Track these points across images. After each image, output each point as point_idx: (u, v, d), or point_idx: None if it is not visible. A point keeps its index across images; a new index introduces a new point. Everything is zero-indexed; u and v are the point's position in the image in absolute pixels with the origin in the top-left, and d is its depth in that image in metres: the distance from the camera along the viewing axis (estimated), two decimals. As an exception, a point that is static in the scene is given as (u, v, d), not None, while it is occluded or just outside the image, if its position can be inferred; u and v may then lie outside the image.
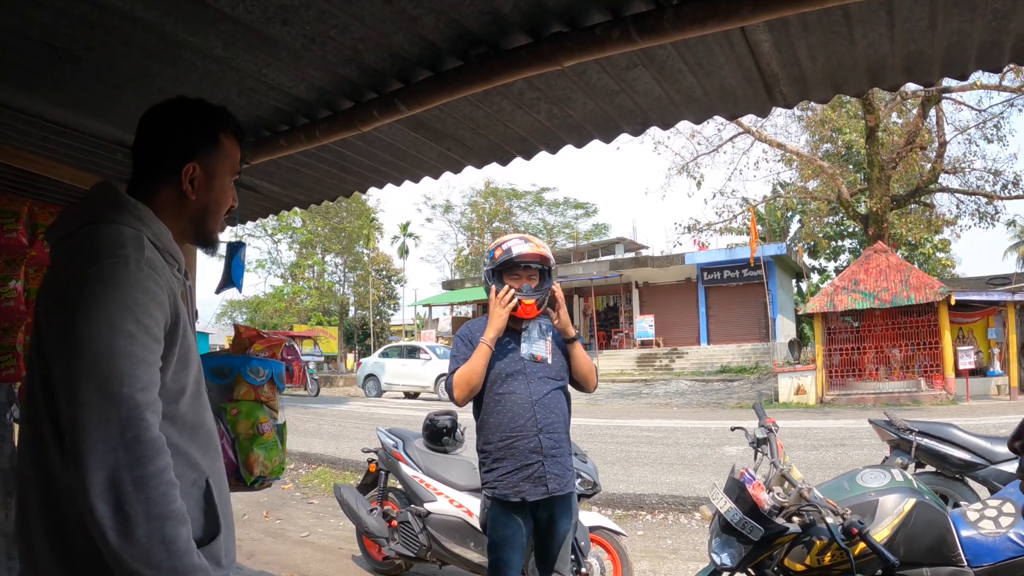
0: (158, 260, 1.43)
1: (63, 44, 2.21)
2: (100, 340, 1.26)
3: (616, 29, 2.04)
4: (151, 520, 1.22)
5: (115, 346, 1.26)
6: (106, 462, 1.21)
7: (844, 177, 26.46)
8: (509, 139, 3.06)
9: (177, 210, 1.57)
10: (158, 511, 1.24)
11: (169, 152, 1.56)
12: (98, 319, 1.28)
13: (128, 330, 1.29)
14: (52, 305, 1.35)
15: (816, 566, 2.96)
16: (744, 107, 2.77)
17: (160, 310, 1.36)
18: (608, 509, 7.45)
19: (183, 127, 1.59)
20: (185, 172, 1.55)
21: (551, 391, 3.20)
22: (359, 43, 2.23)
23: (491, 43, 2.23)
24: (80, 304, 1.29)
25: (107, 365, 1.25)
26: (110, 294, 1.30)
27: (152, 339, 1.33)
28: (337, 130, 2.74)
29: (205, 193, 1.60)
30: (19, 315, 3.17)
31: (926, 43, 2.29)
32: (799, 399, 19.03)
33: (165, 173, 1.56)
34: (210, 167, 1.60)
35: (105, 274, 1.32)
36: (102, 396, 1.23)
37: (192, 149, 1.57)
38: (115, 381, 1.24)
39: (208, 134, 1.61)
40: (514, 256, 3.16)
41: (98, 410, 1.23)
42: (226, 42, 2.22)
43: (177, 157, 1.55)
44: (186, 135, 1.58)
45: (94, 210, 1.46)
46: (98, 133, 2.97)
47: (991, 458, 5.02)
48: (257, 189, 3.73)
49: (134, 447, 1.23)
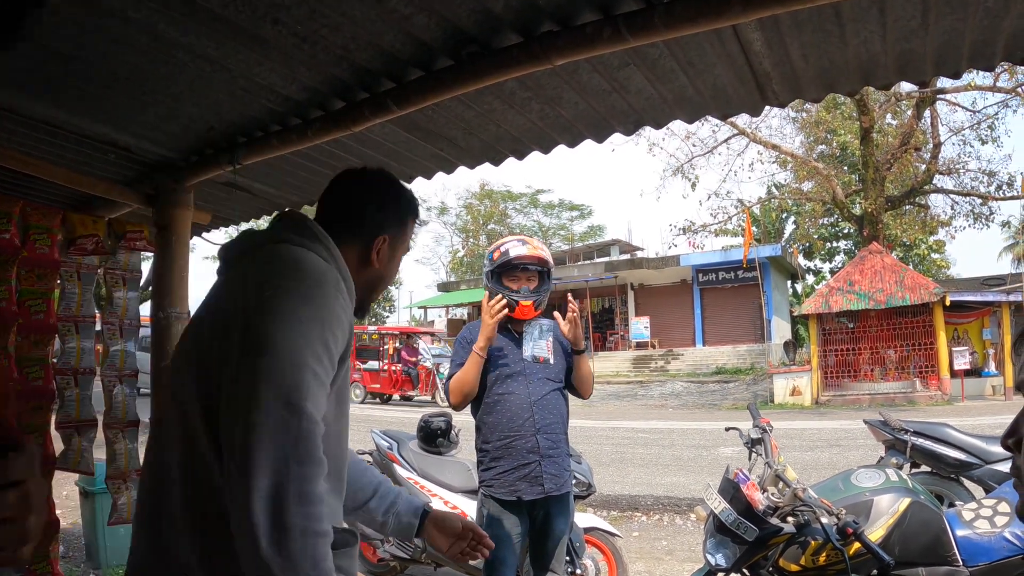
0: (345, 291, 1.49)
1: (54, 44, 2.20)
2: (294, 352, 1.28)
3: (607, 28, 2.03)
4: (306, 536, 1.22)
5: (306, 362, 1.29)
6: (275, 470, 1.20)
7: (839, 178, 26.54)
8: (501, 139, 3.05)
9: (355, 270, 1.63)
10: (313, 528, 1.23)
11: (369, 220, 1.69)
12: (296, 332, 1.30)
13: (317, 351, 1.32)
14: (242, 309, 1.35)
15: (811, 566, 2.96)
16: (736, 106, 2.76)
17: (344, 338, 1.41)
18: (603, 510, 7.45)
19: (388, 203, 1.74)
20: (377, 242, 1.68)
21: (550, 392, 3.24)
22: (350, 42, 2.22)
23: (482, 42, 2.22)
24: (279, 314, 1.31)
25: (295, 378, 1.26)
26: (311, 312, 1.34)
27: (332, 365, 1.36)
28: (329, 130, 2.73)
29: (384, 265, 1.72)
30: (11, 316, 3.16)
31: (918, 42, 2.29)
32: (794, 400, 19.08)
33: (358, 235, 1.67)
34: (395, 244, 1.73)
35: (308, 293, 1.37)
36: (284, 405, 1.23)
37: (388, 225, 1.71)
38: (299, 395, 1.25)
39: (403, 216, 1.76)
40: (512, 258, 3.20)
41: (278, 418, 1.23)
42: (218, 42, 2.21)
43: (374, 227, 1.68)
44: (388, 211, 1.73)
45: (290, 234, 1.53)
46: (90, 133, 2.96)
47: (986, 458, 5.03)
48: (250, 190, 3.71)
49: (305, 462, 1.23)
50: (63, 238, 3.48)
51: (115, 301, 3.84)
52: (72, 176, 3.28)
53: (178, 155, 3.26)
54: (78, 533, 6.00)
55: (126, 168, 3.37)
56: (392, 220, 1.72)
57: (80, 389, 3.67)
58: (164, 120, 2.87)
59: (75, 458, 3.66)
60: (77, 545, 5.96)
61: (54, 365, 3.54)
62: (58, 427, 3.59)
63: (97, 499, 5.36)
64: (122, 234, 3.72)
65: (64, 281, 3.64)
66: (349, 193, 1.72)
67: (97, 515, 5.39)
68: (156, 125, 2.92)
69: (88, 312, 3.74)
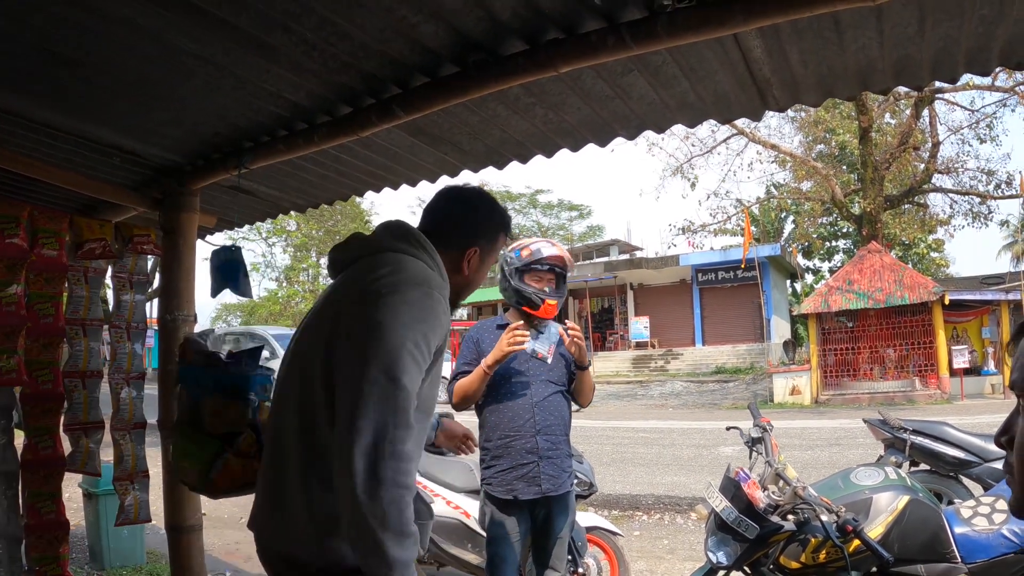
0: (444, 294, 1.73)
1: (62, 50, 2.23)
2: (398, 338, 1.55)
3: (611, 36, 2.07)
4: (396, 487, 1.47)
5: (407, 347, 1.55)
6: (376, 429, 1.47)
7: (838, 178, 26.53)
8: (505, 143, 3.08)
9: (448, 275, 1.84)
10: (402, 481, 1.48)
11: (464, 232, 1.91)
12: (401, 323, 1.56)
13: (417, 340, 1.57)
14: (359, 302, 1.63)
15: (811, 563, 2.99)
16: (737, 111, 2.80)
17: (440, 338, 1.65)
18: (605, 510, 7.48)
19: (483, 217, 1.96)
20: (469, 252, 1.90)
21: (552, 394, 3.29)
22: (359, 50, 2.25)
23: (489, 50, 2.25)
24: (389, 309, 1.58)
25: (397, 357, 1.53)
26: (415, 309, 1.60)
27: (428, 354, 1.62)
28: (336, 135, 2.76)
29: (473, 273, 1.94)
30: (20, 320, 3.18)
31: (915, 48, 2.33)
32: (794, 399, 19.09)
33: (453, 243, 1.88)
34: (485, 255, 1.95)
35: (417, 296, 1.62)
36: (388, 379, 1.51)
37: (480, 237, 1.93)
38: (400, 371, 1.53)
39: (494, 231, 1.97)
40: (544, 257, 3.29)
41: (382, 388, 1.50)
42: (227, 49, 2.23)
43: (468, 237, 1.90)
44: (482, 224, 1.95)
45: (399, 243, 1.78)
46: (96, 138, 2.98)
47: (985, 456, 5.06)
48: (255, 193, 3.75)
49: (401, 425, 1.50)
50: (71, 242, 3.50)
51: (122, 304, 3.87)
52: (80, 180, 3.30)
53: (185, 159, 3.29)
54: (81, 535, 6.02)
55: (133, 172, 3.40)
56: (484, 233, 1.94)
57: (88, 391, 3.69)
58: (171, 125, 2.90)
59: (83, 459, 3.69)
60: (81, 547, 5.98)
61: (62, 368, 3.57)
62: (66, 429, 3.62)
63: (101, 501, 5.40)
64: (129, 238, 3.74)
65: (72, 285, 3.67)
66: (449, 207, 1.95)
67: (101, 517, 5.42)
68: (163, 130, 2.94)
69: (95, 315, 3.76)
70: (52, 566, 3.42)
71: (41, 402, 3.44)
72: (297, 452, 1.68)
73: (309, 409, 1.66)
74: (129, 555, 5.60)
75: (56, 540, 3.44)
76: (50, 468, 3.47)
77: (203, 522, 3.49)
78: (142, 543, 5.73)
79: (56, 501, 3.47)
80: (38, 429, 3.43)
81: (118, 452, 3.79)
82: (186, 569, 3.41)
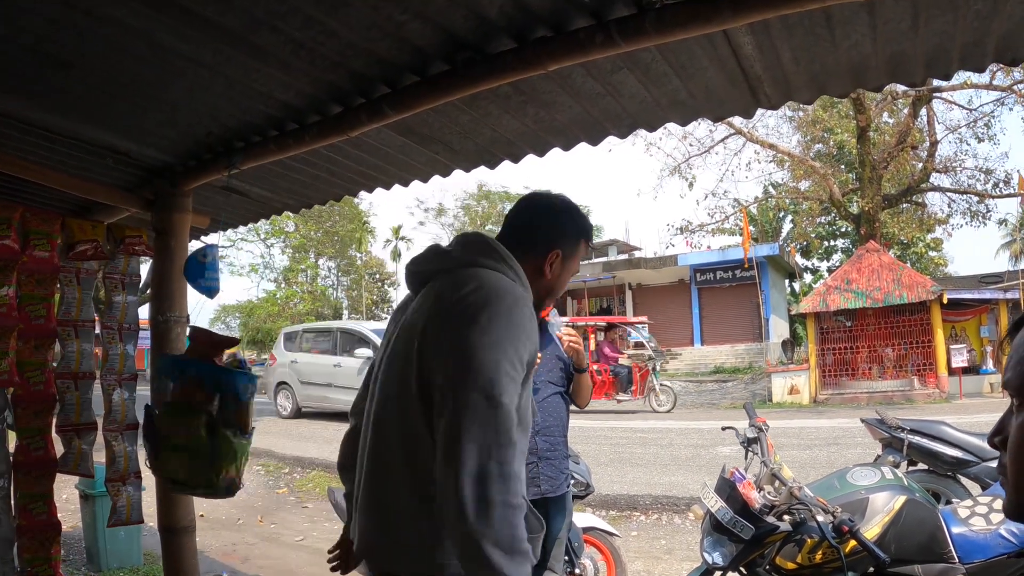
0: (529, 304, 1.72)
1: (54, 51, 2.22)
2: (492, 359, 1.53)
3: (599, 33, 2.06)
4: (506, 508, 1.46)
5: (502, 366, 1.53)
6: (480, 455, 1.46)
7: (836, 177, 26.52)
8: (496, 142, 3.07)
9: (530, 279, 1.85)
10: (512, 501, 1.47)
11: (546, 236, 1.91)
12: (495, 343, 1.55)
13: (510, 356, 1.56)
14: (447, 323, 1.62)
15: (807, 564, 2.98)
16: (729, 109, 2.79)
17: (531, 348, 1.64)
18: (602, 510, 7.46)
19: (564, 222, 1.95)
20: (551, 256, 1.90)
21: (551, 395, 3.30)
22: (346, 49, 2.24)
23: (477, 48, 2.24)
24: (480, 329, 1.56)
25: (494, 378, 1.52)
26: (503, 327, 1.58)
27: (522, 367, 1.60)
28: (326, 135, 2.75)
29: (556, 277, 1.93)
30: (11, 321, 3.17)
31: (908, 44, 2.31)
32: (793, 399, 19.05)
33: (535, 249, 1.89)
34: (566, 260, 1.94)
35: (504, 311, 1.60)
36: (486, 402, 1.50)
37: (562, 241, 1.92)
38: (498, 392, 1.51)
39: (576, 236, 1.96)
40: None
41: (481, 413, 1.49)
42: (215, 49, 2.23)
43: (550, 242, 1.90)
44: (564, 229, 1.94)
45: (480, 257, 1.77)
46: (89, 139, 2.98)
47: (983, 455, 5.04)
48: (247, 194, 3.74)
49: (504, 445, 1.49)
50: (63, 243, 3.48)
51: (114, 305, 3.85)
52: (71, 182, 3.29)
53: (176, 160, 3.28)
54: (78, 536, 6.02)
55: (125, 173, 3.39)
56: (566, 237, 1.93)
57: (80, 393, 3.68)
58: (163, 126, 2.89)
59: (75, 460, 3.67)
60: (77, 548, 5.98)
61: (54, 369, 3.56)
62: (58, 430, 3.60)
63: (97, 502, 5.38)
64: (121, 239, 3.73)
65: (64, 286, 3.65)
66: (531, 211, 1.96)
67: (97, 518, 5.40)
68: (155, 131, 2.94)
69: (87, 316, 3.75)
70: (44, 567, 3.41)
71: (33, 403, 3.42)
72: (401, 473, 1.68)
73: (411, 435, 1.65)
74: (126, 556, 5.58)
75: (48, 541, 3.43)
76: (42, 470, 3.45)
77: (199, 523, 3.48)
78: (139, 544, 5.71)
79: (48, 502, 3.46)
80: (30, 431, 3.41)
81: (110, 453, 3.78)
82: (179, 570, 3.41)
